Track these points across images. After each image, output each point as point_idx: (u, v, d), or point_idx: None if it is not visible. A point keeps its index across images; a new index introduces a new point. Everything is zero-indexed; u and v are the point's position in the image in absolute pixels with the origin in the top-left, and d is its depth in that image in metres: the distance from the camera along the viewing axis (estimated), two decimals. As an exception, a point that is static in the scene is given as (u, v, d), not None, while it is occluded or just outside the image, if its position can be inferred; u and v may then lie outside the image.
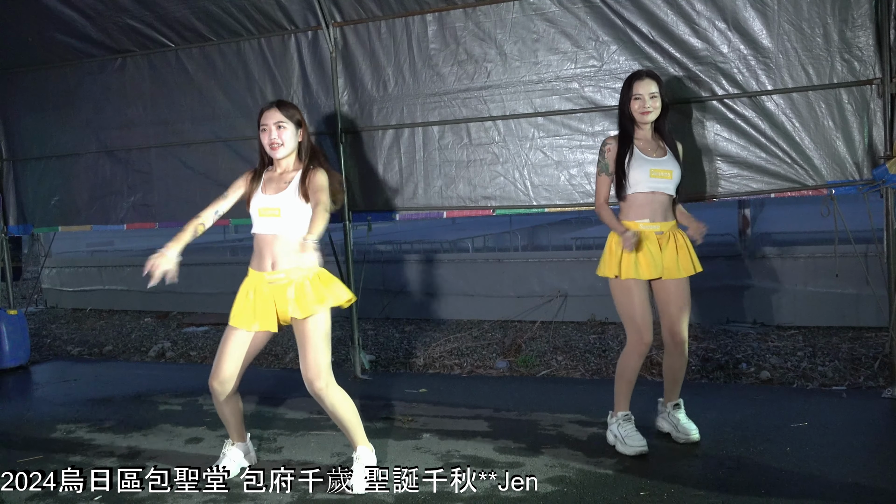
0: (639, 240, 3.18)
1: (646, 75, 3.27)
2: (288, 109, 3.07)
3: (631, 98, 3.26)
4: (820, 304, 5.68)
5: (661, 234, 3.25)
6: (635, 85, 3.25)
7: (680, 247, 3.27)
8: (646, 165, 3.23)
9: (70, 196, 5.65)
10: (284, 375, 5.22)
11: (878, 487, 2.77)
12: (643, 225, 3.23)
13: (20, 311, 5.86)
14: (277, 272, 2.97)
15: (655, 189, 3.23)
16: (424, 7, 4.46)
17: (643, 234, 3.21)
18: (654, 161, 3.26)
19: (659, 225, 3.24)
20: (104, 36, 5.14)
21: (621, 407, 3.32)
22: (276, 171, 3.11)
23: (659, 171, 3.23)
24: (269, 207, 3.00)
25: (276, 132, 3.02)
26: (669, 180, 3.24)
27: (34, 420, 4.26)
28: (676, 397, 3.41)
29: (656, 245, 3.23)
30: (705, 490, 2.81)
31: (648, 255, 3.20)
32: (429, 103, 4.57)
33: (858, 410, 3.74)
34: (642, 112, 3.23)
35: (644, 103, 3.22)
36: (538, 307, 6.43)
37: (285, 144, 3.03)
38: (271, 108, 3.06)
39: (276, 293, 2.97)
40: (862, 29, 3.70)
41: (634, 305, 3.22)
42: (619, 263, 3.22)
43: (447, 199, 4.61)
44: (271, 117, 3.03)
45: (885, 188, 3.73)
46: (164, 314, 8.13)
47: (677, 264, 3.25)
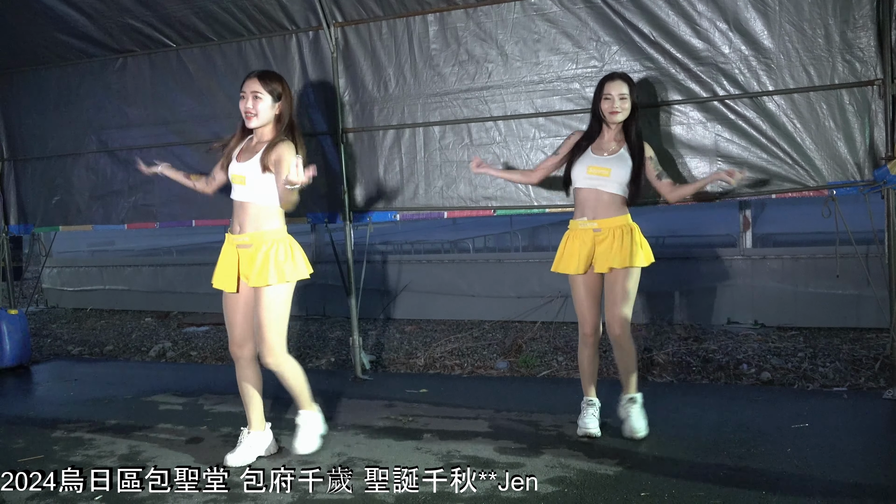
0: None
1: (618, 77, 3.42)
2: (269, 82, 3.13)
3: (601, 98, 3.40)
4: (821, 305, 5.68)
5: (599, 231, 3.36)
6: (606, 85, 3.40)
7: (618, 240, 3.35)
8: (586, 162, 3.41)
9: (71, 196, 5.65)
10: (285, 375, 5.21)
11: (878, 488, 2.77)
12: (581, 224, 3.41)
13: (21, 310, 5.86)
14: (243, 236, 3.14)
15: (592, 186, 3.39)
16: (425, 7, 4.46)
17: (580, 231, 3.40)
18: (595, 158, 3.41)
19: (597, 222, 3.37)
20: (105, 36, 5.14)
21: (585, 392, 3.57)
22: (253, 139, 3.22)
23: (596, 168, 3.38)
24: (237, 174, 3.18)
25: (251, 102, 3.11)
26: (607, 178, 3.37)
27: (34, 420, 4.26)
28: (629, 390, 3.48)
29: (591, 241, 3.38)
30: (705, 491, 2.81)
31: (582, 251, 3.38)
32: (430, 103, 4.57)
33: (859, 411, 3.74)
34: (611, 112, 3.38)
35: (613, 103, 3.36)
36: (539, 307, 6.42)
37: (259, 115, 3.12)
38: (252, 77, 3.14)
39: (242, 256, 3.14)
40: (863, 29, 3.70)
41: (577, 298, 3.49)
42: (560, 258, 3.47)
43: (448, 199, 4.60)
44: (249, 86, 3.12)
45: (886, 189, 3.73)
46: (164, 314, 8.13)
47: (609, 257, 3.34)
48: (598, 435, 3.45)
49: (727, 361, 4.81)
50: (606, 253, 3.35)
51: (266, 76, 3.14)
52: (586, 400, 3.55)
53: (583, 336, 3.51)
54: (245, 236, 3.14)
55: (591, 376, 3.55)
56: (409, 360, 5.43)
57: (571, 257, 3.42)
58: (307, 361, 5.56)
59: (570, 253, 3.44)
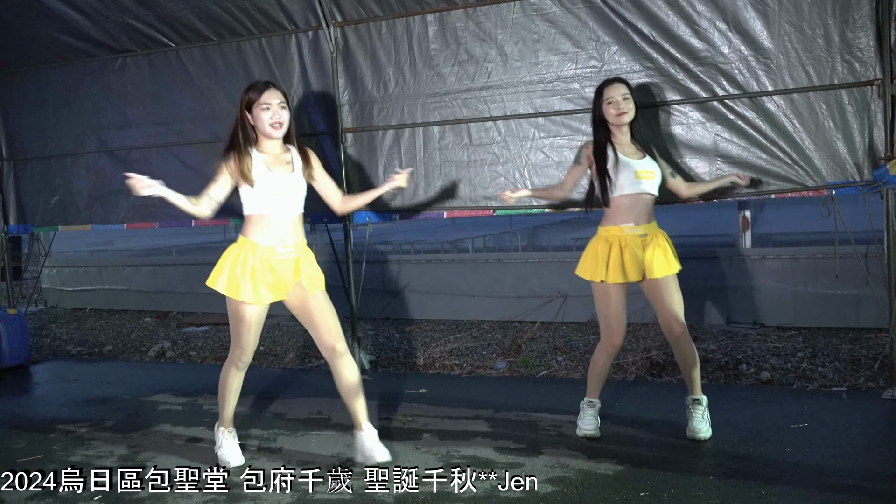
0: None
1: (615, 80, 3.39)
2: (283, 92, 3.19)
3: (603, 103, 3.35)
4: (820, 305, 5.68)
5: (645, 237, 3.33)
6: (606, 90, 3.36)
7: (662, 246, 3.35)
8: (630, 168, 3.32)
9: (70, 196, 5.65)
10: (284, 375, 5.22)
11: (878, 488, 2.77)
12: (628, 230, 3.32)
13: (20, 310, 5.86)
14: (287, 246, 3.14)
15: (640, 191, 3.32)
16: (425, 7, 4.46)
17: (628, 238, 3.30)
18: (637, 163, 3.35)
19: (643, 228, 3.33)
20: (105, 35, 5.14)
21: (589, 394, 3.52)
22: (267, 151, 3.17)
23: (643, 173, 3.33)
24: (283, 187, 3.13)
25: (279, 112, 3.08)
26: (653, 180, 3.34)
27: (34, 420, 4.26)
28: (694, 392, 3.41)
29: (640, 248, 3.32)
30: (705, 491, 2.81)
31: (633, 260, 3.29)
32: (429, 103, 4.57)
33: (858, 411, 3.74)
34: (618, 114, 3.32)
35: (618, 105, 3.32)
36: (538, 307, 6.42)
37: (284, 125, 3.09)
38: (272, 88, 3.13)
39: (286, 267, 3.14)
40: (862, 30, 3.70)
41: (610, 308, 3.37)
42: (605, 267, 3.32)
43: (447, 199, 4.61)
44: (275, 96, 3.10)
45: (885, 189, 3.73)
46: (163, 314, 8.12)
47: (664, 262, 3.32)
48: (598, 436, 3.46)
49: (726, 361, 4.81)
50: (660, 258, 3.30)
51: (279, 87, 3.20)
52: (587, 401, 3.52)
53: (608, 345, 3.40)
54: (290, 247, 3.15)
55: (602, 380, 3.51)
56: (408, 359, 5.43)
57: (620, 265, 3.28)
58: (307, 361, 5.56)
59: (616, 261, 3.29)
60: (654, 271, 3.31)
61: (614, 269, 3.29)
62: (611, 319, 3.37)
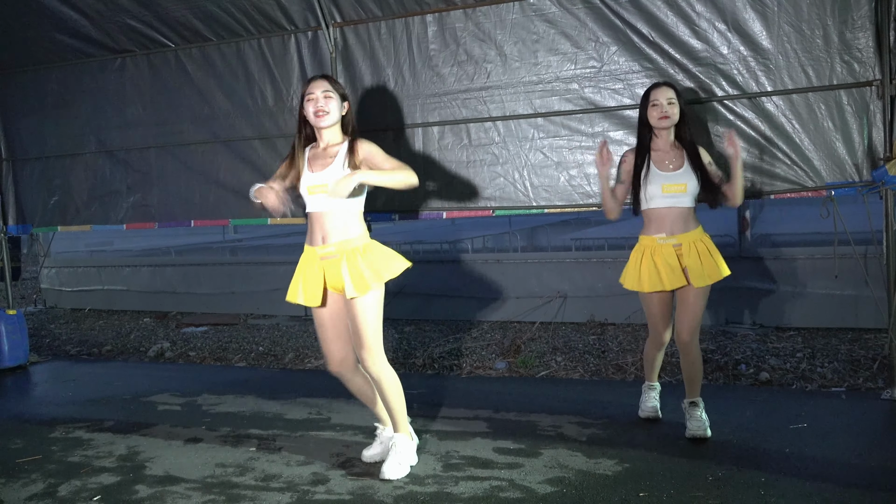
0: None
1: (663, 84, 3.36)
2: (334, 83, 3.10)
3: (648, 105, 3.32)
4: (819, 306, 5.68)
5: (679, 246, 3.30)
6: (652, 93, 3.33)
7: (703, 253, 3.29)
8: (658, 181, 3.30)
9: (69, 196, 5.64)
10: (284, 376, 5.22)
11: (877, 488, 2.77)
12: (660, 240, 3.32)
13: (19, 310, 5.85)
14: (328, 246, 3.02)
15: (670, 204, 3.30)
16: (424, 8, 4.46)
17: (660, 248, 3.31)
18: (667, 176, 3.31)
19: (676, 238, 3.30)
20: (104, 36, 5.14)
21: (647, 378, 3.71)
22: (319, 146, 3.12)
23: (672, 186, 3.29)
24: (317, 185, 3.02)
25: (322, 100, 3.03)
26: (684, 194, 3.29)
27: (33, 420, 4.25)
28: (692, 395, 3.47)
29: (674, 258, 3.30)
30: (704, 491, 2.81)
31: (667, 268, 3.29)
32: (428, 104, 4.57)
33: (857, 412, 3.74)
34: (660, 117, 3.28)
35: (662, 108, 3.28)
36: (537, 308, 6.43)
37: (331, 113, 3.04)
38: (318, 79, 3.08)
39: (327, 267, 3.03)
40: (861, 30, 3.70)
41: (652, 312, 3.45)
42: (639, 276, 3.36)
43: (447, 199, 4.60)
44: (318, 86, 3.05)
45: (884, 190, 3.73)
46: (163, 314, 8.12)
47: (702, 272, 3.28)
48: (660, 416, 3.65)
49: (725, 362, 4.81)
50: (697, 267, 3.27)
51: (330, 78, 3.11)
52: (647, 384, 3.70)
53: (656, 341, 3.52)
54: (330, 246, 3.01)
55: (655, 367, 3.65)
56: (407, 360, 5.43)
57: (656, 275, 3.31)
58: (307, 361, 5.56)
59: (651, 271, 3.32)
60: (693, 280, 3.29)
61: (651, 279, 3.33)
62: (654, 320, 3.47)
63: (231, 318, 7.58)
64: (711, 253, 3.32)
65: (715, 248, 3.35)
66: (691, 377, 3.43)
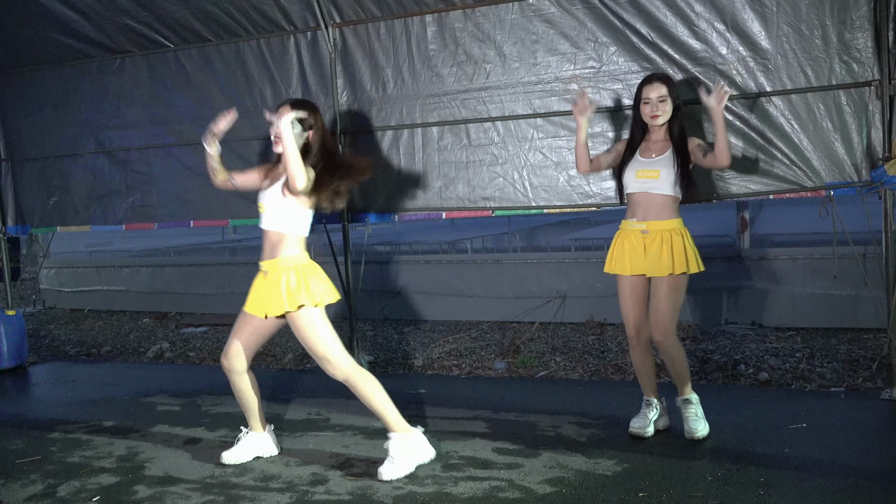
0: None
1: (655, 79, 3.35)
2: (300, 110, 3.12)
3: (640, 101, 3.35)
4: (818, 306, 5.68)
5: (647, 234, 3.32)
6: (644, 89, 3.35)
7: (672, 245, 3.29)
8: (634, 167, 3.37)
9: (68, 196, 5.64)
10: (283, 376, 5.21)
11: (876, 488, 2.77)
12: (630, 224, 3.37)
13: (18, 311, 5.85)
14: (265, 262, 3.17)
15: (643, 189, 3.33)
16: (423, 8, 4.46)
17: (629, 231, 3.37)
18: (643, 162, 3.36)
19: (645, 224, 3.32)
20: (103, 36, 5.14)
21: (643, 392, 3.52)
22: (280, 166, 3.19)
23: (645, 172, 3.33)
24: (260, 203, 3.22)
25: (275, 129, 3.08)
26: (656, 180, 3.31)
27: (32, 421, 4.25)
28: (683, 392, 3.44)
29: (641, 244, 3.33)
30: (704, 491, 2.81)
31: (632, 252, 3.34)
32: (428, 104, 4.57)
33: (857, 412, 3.75)
34: (651, 116, 3.32)
35: (653, 107, 3.31)
36: (537, 308, 6.43)
37: (280, 140, 3.07)
38: (285, 105, 3.14)
39: (267, 283, 3.15)
40: (860, 31, 3.70)
41: (622, 298, 3.43)
42: (611, 258, 3.42)
43: (446, 200, 4.60)
44: (281, 113, 3.09)
45: (883, 190, 3.73)
46: (162, 315, 8.12)
47: (659, 263, 3.28)
48: (647, 435, 3.42)
49: (725, 362, 4.82)
50: (656, 258, 3.27)
51: (298, 104, 3.12)
52: (644, 399, 3.52)
53: (628, 338, 3.48)
54: (264, 263, 3.17)
55: (645, 377, 3.48)
56: (407, 360, 5.43)
57: (623, 258, 3.37)
58: (306, 362, 5.56)
59: (619, 254, 3.39)
60: (648, 270, 3.31)
61: (618, 261, 3.39)
62: (624, 309, 3.43)
63: (231, 318, 7.55)
64: (685, 248, 3.30)
65: (691, 244, 3.33)
66: (677, 374, 3.41)
